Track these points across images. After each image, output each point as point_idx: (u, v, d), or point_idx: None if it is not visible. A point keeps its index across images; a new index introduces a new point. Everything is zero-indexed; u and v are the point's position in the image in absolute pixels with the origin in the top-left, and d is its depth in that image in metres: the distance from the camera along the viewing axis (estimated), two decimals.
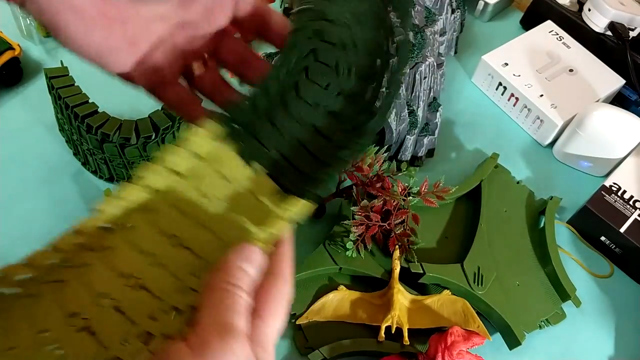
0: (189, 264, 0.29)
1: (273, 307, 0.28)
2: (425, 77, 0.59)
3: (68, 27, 0.29)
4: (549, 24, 0.74)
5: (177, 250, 0.30)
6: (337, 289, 0.51)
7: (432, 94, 0.63)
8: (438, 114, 0.62)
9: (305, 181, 0.32)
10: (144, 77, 0.33)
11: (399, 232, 0.53)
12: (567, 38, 0.73)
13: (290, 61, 0.33)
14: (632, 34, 0.70)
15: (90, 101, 0.54)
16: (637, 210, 0.58)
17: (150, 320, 0.27)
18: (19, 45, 0.64)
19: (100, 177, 0.58)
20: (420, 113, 0.60)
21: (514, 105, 0.69)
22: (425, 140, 0.62)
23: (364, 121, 0.32)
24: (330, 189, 0.56)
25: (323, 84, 0.33)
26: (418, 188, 0.54)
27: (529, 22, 0.77)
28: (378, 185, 0.53)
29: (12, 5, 0.29)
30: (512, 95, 0.68)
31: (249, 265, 0.28)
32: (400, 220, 0.53)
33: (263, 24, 0.35)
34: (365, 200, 0.53)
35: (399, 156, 0.61)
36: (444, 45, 0.70)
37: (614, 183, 0.60)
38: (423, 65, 0.58)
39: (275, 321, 0.28)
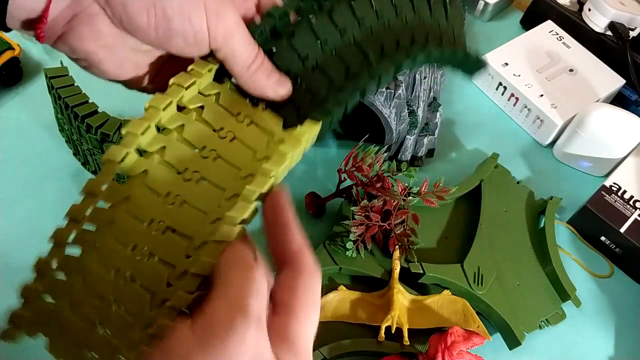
0: (211, 197, 0.29)
1: (302, 301, 0.25)
2: (425, 77, 0.59)
3: (102, 63, 0.32)
4: (549, 24, 0.74)
5: (197, 185, 0.30)
6: (337, 289, 0.51)
7: (432, 93, 0.63)
8: (438, 114, 0.62)
9: (320, 103, 0.32)
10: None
11: (399, 232, 0.53)
12: (567, 38, 0.73)
13: None
14: (632, 33, 0.70)
15: (90, 101, 0.54)
16: (637, 210, 0.58)
17: (186, 260, 0.27)
18: (18, 45, 0.64)
19: None
20: (420, 113, 0.60)
21: (514, 105, 0.69)
22: (425, 140, 0.62)
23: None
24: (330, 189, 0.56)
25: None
26: (418, 188, 0.54)
27: (529, 22, 0.77)
28: (378, 185, 0.53)
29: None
30: (512, 95, 0.68)
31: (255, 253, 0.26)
32: (400, 220, 0.53)
33: None
34: (365, 200, 0.53)
35: (399, 156, 0.61)
36: None
37: (614, 183, 0.60)
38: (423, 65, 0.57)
39: (308, 317, 0.25)
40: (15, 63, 0.64)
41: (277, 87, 0.32)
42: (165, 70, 0.35)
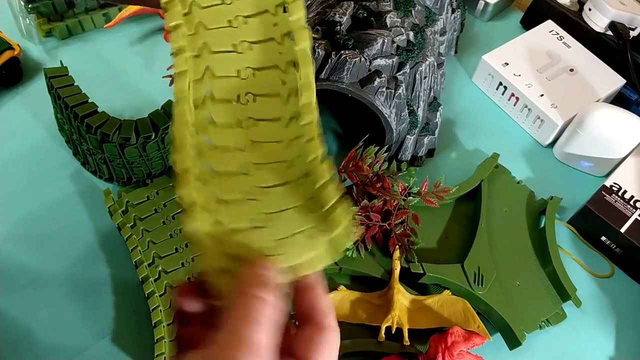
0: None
1: (326, 357, 0.26)
2: (425, 77, 0.59)
3: None
4: (549, 24, 0.74)
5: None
6: (337, 289, 0.51)
7: (432, 93, 0.63)
8: (438, 113, 0.62)
9: None
10: None
11: (399, 232, 0.53)
12: (568, 38, 0.73)
13: None
14: (632, 33, 0.69)
15: (90, 101, 0.54)
16: (638, 210, 0.58)
17: None
18: (18, 45, 0.64)
19: (100, 177, 0.58)
20: (420, 113, 0.60)
21: (514, 105, 0.69)
22: (425, 140, 0.62)
23: None
24: None
25: None
26: (418, 188, 0.54)
27: (529, 22, 0.77)
28: (378, 185, 0.53)
29: None
30: (513, 95, 0.68)
31: (273, 273, 0.26)
32: (400, 220, 0.53)
33: None
34: (365, 200, 0.53)
35: (399, 156, 0.61)
36: (444, 45, 0.70)
37: (615, 183, 0.60)
38: (423, 65, 0.57)
39: None
40: (15, 63, 0.64)
41: None
42: None
